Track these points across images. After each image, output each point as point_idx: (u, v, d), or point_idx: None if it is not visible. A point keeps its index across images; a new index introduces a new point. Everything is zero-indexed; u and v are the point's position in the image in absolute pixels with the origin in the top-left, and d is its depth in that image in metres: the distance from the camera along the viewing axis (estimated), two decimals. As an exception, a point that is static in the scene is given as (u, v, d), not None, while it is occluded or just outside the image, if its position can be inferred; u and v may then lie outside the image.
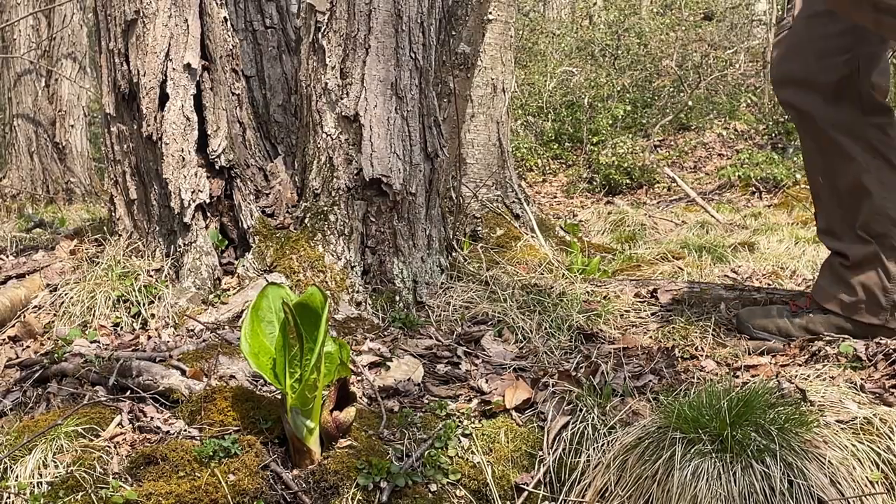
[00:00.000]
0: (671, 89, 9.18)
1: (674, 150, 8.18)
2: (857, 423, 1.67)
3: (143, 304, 2.32)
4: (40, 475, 1.62)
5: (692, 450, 1.57)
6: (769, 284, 3.10)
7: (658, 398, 1.80)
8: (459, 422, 1.82)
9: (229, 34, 2.51)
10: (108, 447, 1.70)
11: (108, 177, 2.65)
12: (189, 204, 2.40)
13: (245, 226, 2.46)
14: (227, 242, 2.50)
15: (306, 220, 2.45)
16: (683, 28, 9.68)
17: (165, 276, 2.41)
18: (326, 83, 2.41)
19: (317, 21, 2.42)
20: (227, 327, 2.22)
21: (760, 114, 8.31)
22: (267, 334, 1.72)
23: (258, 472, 1.64)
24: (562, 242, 4.16)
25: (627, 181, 7.26)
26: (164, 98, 2.41)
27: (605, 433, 1.72)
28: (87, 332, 2.24)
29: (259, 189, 2.53)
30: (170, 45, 2.40)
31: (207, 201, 2.44)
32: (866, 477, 1.59)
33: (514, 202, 4.11)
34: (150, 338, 2.24)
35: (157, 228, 2.51)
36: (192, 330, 2.23)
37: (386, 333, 2.29)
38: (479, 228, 3.86)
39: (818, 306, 2.18)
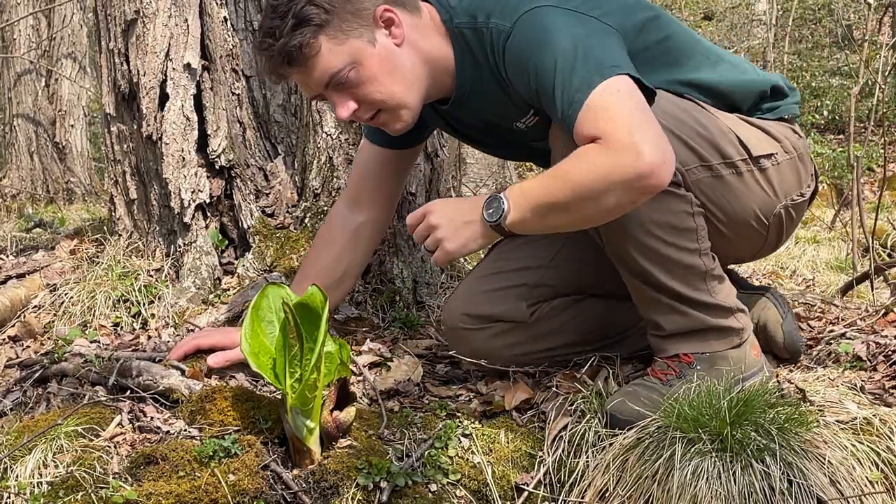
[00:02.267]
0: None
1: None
2: (857, 424, 1.67)
3: (144, 304, 2.32)
4: (40, 475, 1.62)
5: (692, 449, 1.57)
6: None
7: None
8: (459, 422, 1.82)
9: (229, 34, 2.51)
10: (108, 447, 1.70)
11: (108, 177, 2.64)
12: (189, 204, 2.40)
13: (245, 226, 2.46)
14: (227, 242, 2.50)
15: (306, 220, 2.45)
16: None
17: (165, 276, 2.41)
18: (326, 83, 2.41)
19: (317, 21, 2.41)
20: (226, 327, 2.21)
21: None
22: (267, 334, 1.72)
23: (258, 471, 1.64)
24: (562, 242, 4.15)
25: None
26: (164, 98, 2.41)
27: (605, 434, 1.72)
28: (87, 332, 2.24)
29: (259, 189, 2.53)
30: (170, 44, 2.40)
31: (207, 201, 2.44)
32: (866, 477, 1.59)
33: (514, 202, 4.10)
34: (150, 338, 2.24)
35: (157, 228, 2.51)
36: (193, 330, 2.23)
37: (386, 333, 2.29)
38: (479, 228, 3.85)
39: None
